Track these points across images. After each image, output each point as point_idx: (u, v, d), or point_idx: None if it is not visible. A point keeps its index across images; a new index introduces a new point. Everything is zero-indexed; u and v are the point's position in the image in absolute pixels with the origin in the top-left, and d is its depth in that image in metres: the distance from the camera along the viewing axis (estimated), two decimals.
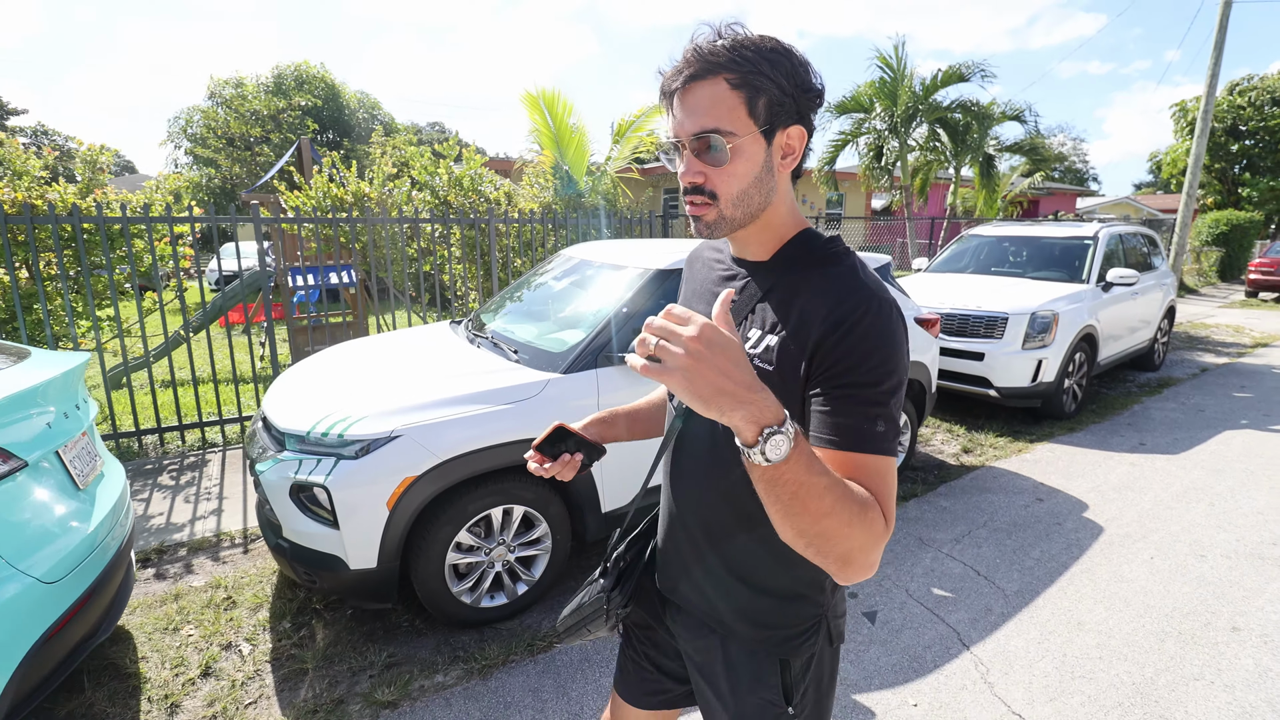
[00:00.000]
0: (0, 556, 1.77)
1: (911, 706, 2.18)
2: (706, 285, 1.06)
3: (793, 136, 0.89)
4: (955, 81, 10.27)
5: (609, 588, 1.11)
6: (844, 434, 0.81)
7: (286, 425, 2.58)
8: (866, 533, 0.76)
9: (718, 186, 0.88)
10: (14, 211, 4.13)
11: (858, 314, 0.82)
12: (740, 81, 0.84)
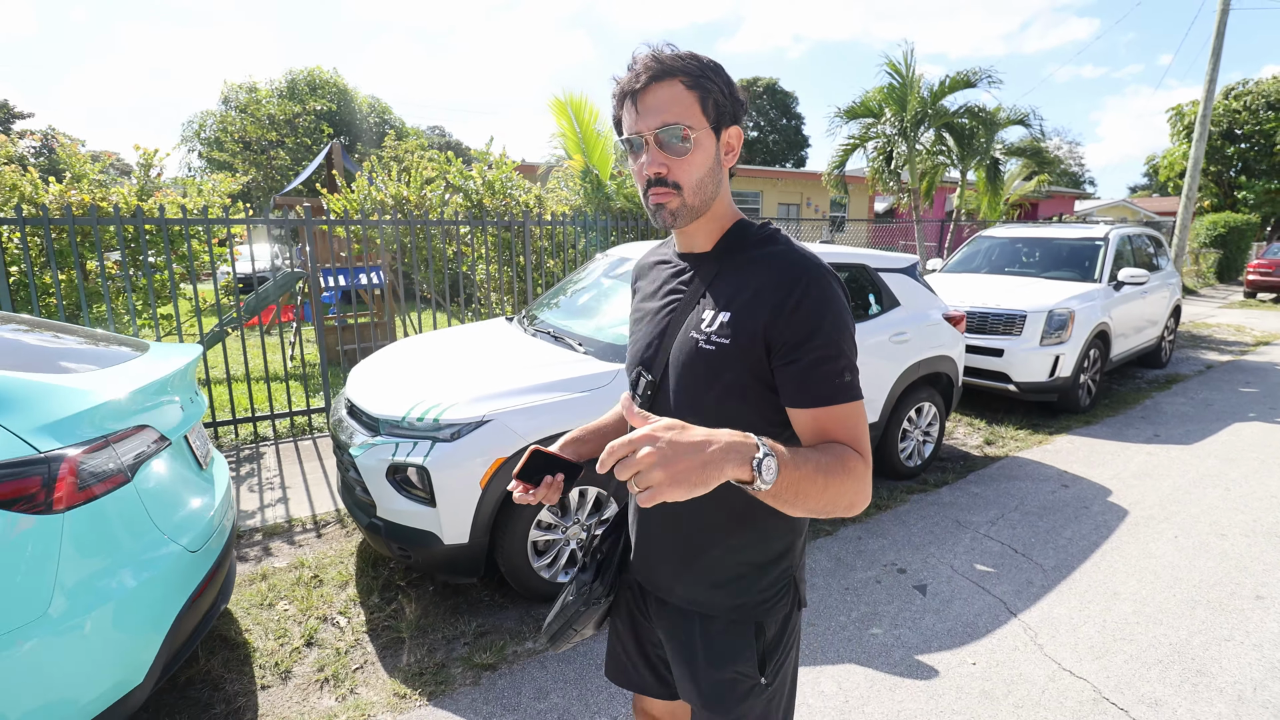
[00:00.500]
0: (157, 526, 1.95)
1: (970, 665, 2.38)
2: (659, 286, 1.13)
3: (733, 136, 1.01)
4: (962, 87, 10.50)
5: (589, 580, 1.16)
6: (818, 394, 0.91)
7: (379, 411, 2.76)
8: (856, 482, 0.87)
9: (680, 176, 0.96)
10: (80, 212, 4.31)
11: (801, 285, 0.92)
12: (693, 83, 0.94)
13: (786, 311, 0.91)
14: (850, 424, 0.92)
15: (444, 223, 5.32)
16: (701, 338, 0.99)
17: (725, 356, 0.96)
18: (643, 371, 1.08)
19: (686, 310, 1.04)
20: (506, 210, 6.27)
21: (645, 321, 1.12)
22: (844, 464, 0.86)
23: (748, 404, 0.98)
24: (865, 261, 4.15)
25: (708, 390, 0.99)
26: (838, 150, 11.35)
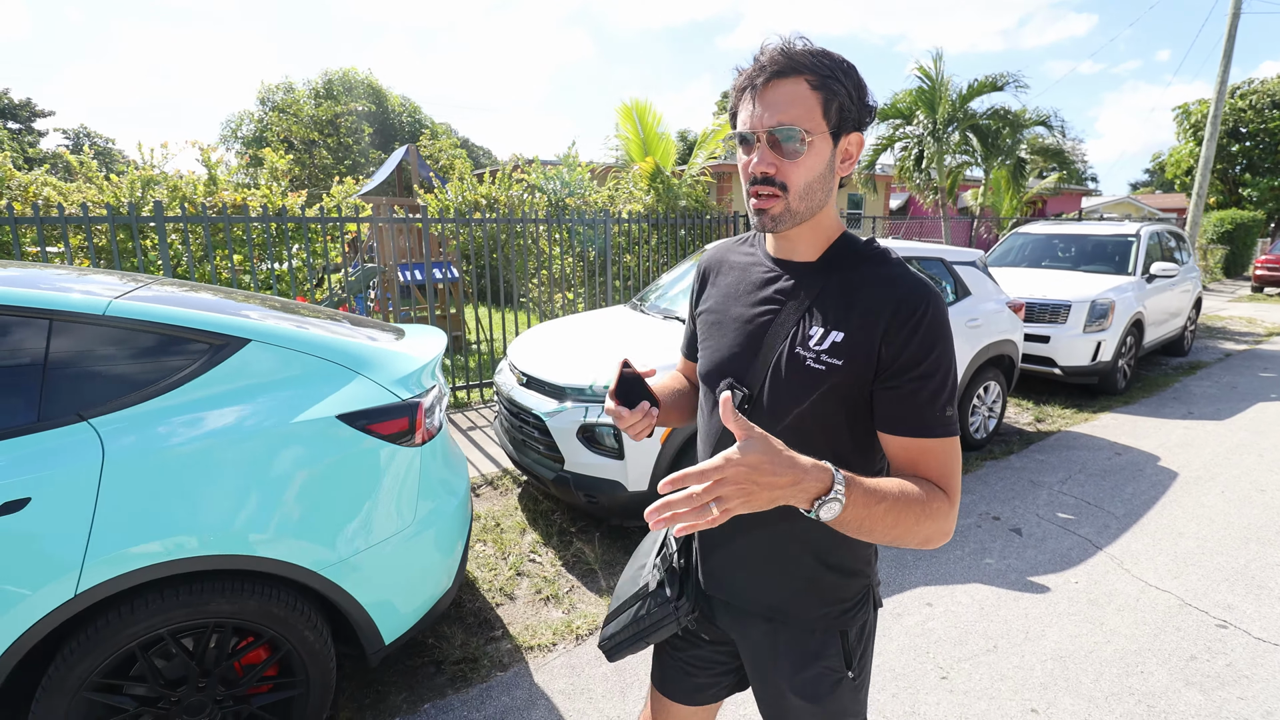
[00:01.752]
0: (447, 480, 2.43)
1: (1074, 584, 2.92)
2: (747, 290, 1.06)
3: (853, 143, 0.95)
4: (989, 91, 11.02)
5: (675, 596, 1.12)
6: (918, 424, 0.89)
7: (564, 382, 3.28)
8: (934, 523, 0.85)
9: (788, 178, 0.91)
10: (214, 212, 4.82)
11: (921, 308, 0.89)
12: (819, 84, 0.89)
13: (903, 334, 0.89)
14: (944, 460, 0.90)
15: (538, 220, 5.83)
16: (810, 355, 0.94)
17: (835, 377, 0.93)
18: (735, 384, 1.01)
19: (789, 323, 0.98)
20: (582, 209, 6.78)
21: (730, 327, 1.05)
22: (926, 506, 0.85)
23: (846, 425, 0.96)
24: (942, 255, 4.68)
25: (810, 410, 0.95)
26: (868, 150, 11.89)
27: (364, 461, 1.99)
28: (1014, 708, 2.18)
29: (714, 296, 1.12)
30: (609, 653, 1.17)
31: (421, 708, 2.20)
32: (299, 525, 1.85)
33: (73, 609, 1.59)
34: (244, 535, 1.77)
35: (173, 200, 4.74)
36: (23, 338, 1.69)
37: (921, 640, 2.53)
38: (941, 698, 2.23)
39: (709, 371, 1.08)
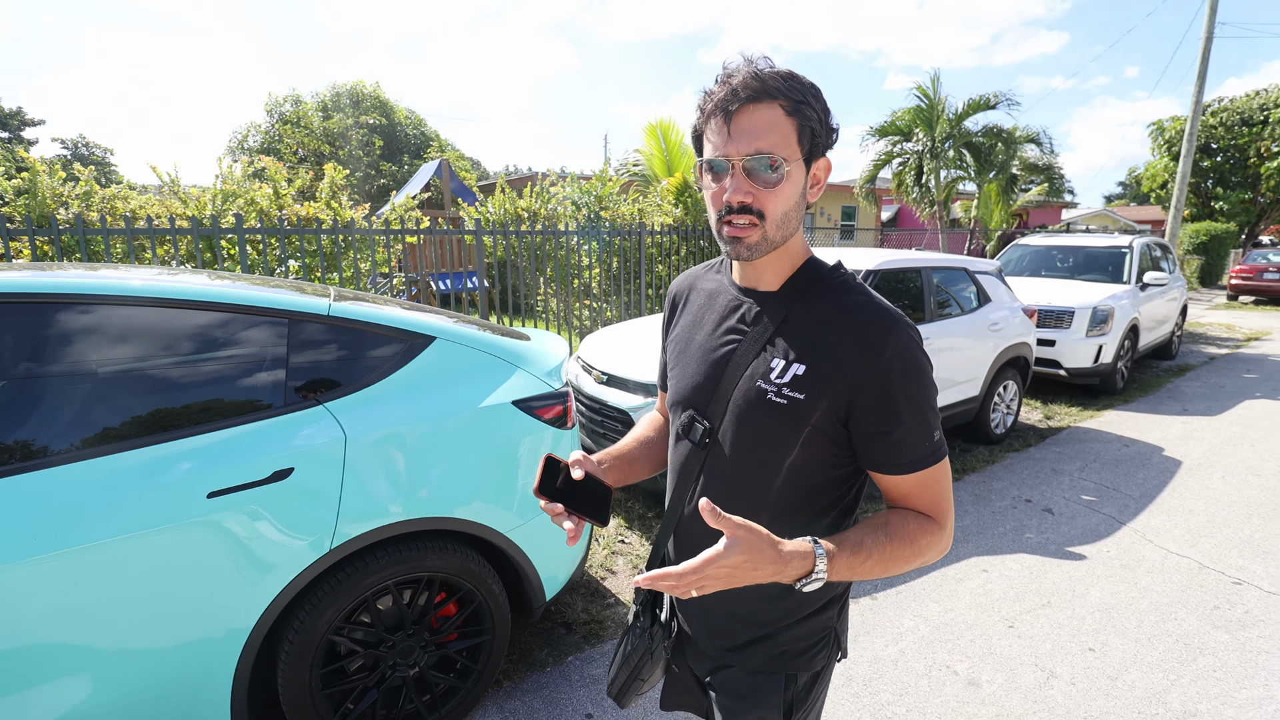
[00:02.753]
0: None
1: (1106, 552, 3.33)
2: (711, 319, 1.03)
3: (822, 169, 0.93)
4: (983, 110, 11.64)
5: (647, 624, 1.09)
6: (910, 460, 0.88)
7: (649, 379, 3.64)
8: (925, 555, 0.88)
9: (766, 206, 0.88)
10: (307, 224, 5.13)
11: (890, 347, 0.86)
12: (793, 109, 0.86)
13: (874, 377, 0.86)
14: (934, 488, 0.90)
15: (581, 232, 6.19)
16: (770, 389, 0.91)
17: (796, 412, 0.90)
18: (696, 416, 0.99)
19: (750, 354, 0.95)
20: (616, 222, 7.16)
21: (693, 355, 1.03)
22: (914, 545, 0.87)
23: (812, 460, 0.92)
24: (966, 265, 5.12)
25: (772, 445, 0.92)
26: (868, 165, 12.43)
27: (534, 441, 2.33)
28: (1074, 647, 2.57)
29: (681, 324, 1.10)
30: (617, 699, 1.12)
31: (567, 659, 2.53)
32: (490, 494, 2.19)
33: (329, 560, 1.91)
34: (450, 501, 2.10)
35: (249, 213, 5.04)
36: (270, 334, 2.02)
37: (984, 598, 2.92)
38: (1011, 641, 2.61)
39: (674, 402, 1.06)
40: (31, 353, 1.68)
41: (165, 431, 1.75)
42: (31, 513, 1.54)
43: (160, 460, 1.71)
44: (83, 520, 1.59)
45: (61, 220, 4.39)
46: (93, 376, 1.75)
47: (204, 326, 1.89)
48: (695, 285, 1.12)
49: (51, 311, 1.71)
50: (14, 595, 1.50)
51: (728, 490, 0.96)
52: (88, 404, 1.72)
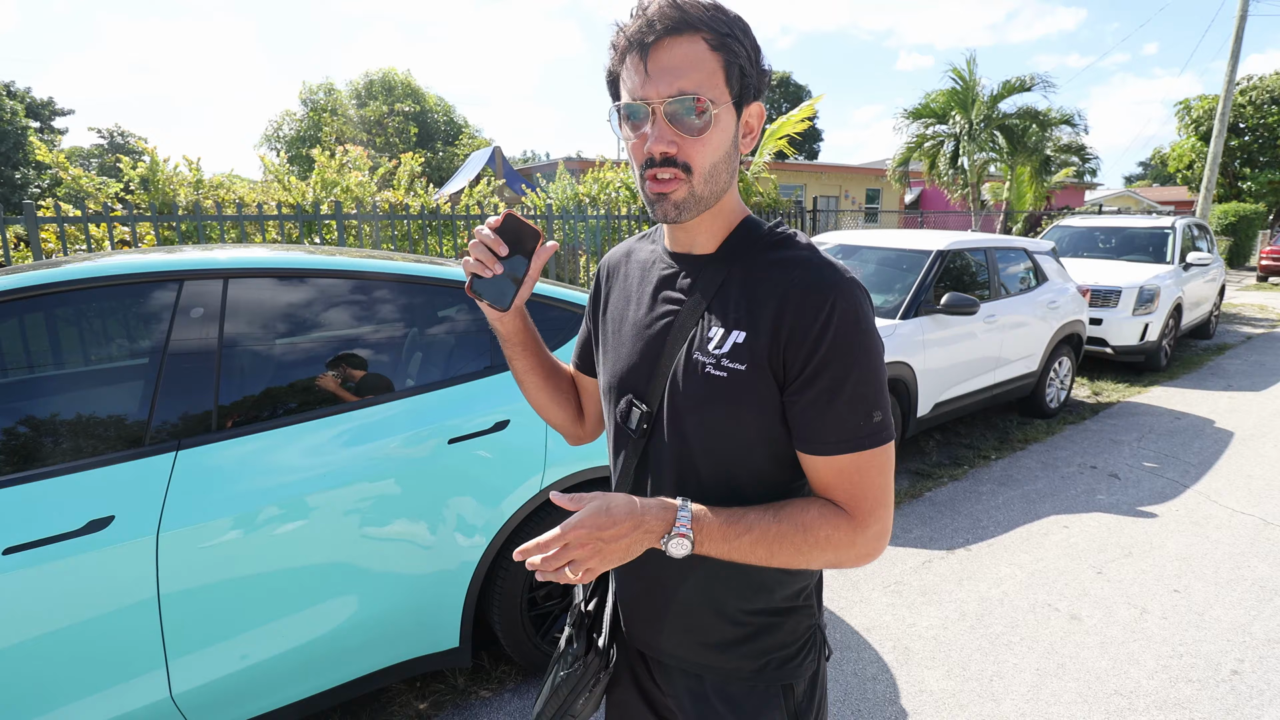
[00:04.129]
0: None
1: (1175, 511, 3.60)
2: (645, 292, 0.93)
3: (754, 114, 0.83)
4: (1019, 92, 11.73)
5: (580, 653, 0.95)
6: (835, 439, 0.77)
7: None
8: (826, 551, 0.77)
9: (692, 157, 0.77)
10: (383, 210, 5.41)
11: (829, 299, 0.76)
12: (719, 43, 0.75)
13: (809, 334, 0.76)
14: (859, 477, 0.78)
15: (639, 216, 6.43)
16: (709, 361, 0.81)
17: (739, 385, 0.80)
18: (634, 401, 0.89)
19: (688, 326, 0.85)
20: None
21: (628, 334, 0.92)
22: (805, 532, 0.76)
23: (763, 441, 0.82)
24: (1024, 245, 5.34)
25: (716, 425, 0.82)
26: (901, 148, 12.55)
27: None
28: (1160, 589, 2.86)
29: (613, 301, 0.99)
30: None
31: None
32: None
33: (537, 502, 2.22)
34: None
35: (345, 199, 5.33)
36: (475, 307, 2.32)
37: (1069, 549, 3.21)
38: (1102, 584, 2.90)
39: (609, 386, 0.95)
40: (352, 323, 2.03)
41: (421, 386, 2.06)
42: (330, 451, 1.86)
43: (417, 410, 2.02)
44: (362, 461, 1.90)
45: (183, 207, 4.70)
46: (370, 343, 2.07)
47: (441, 301, 2.19)
48: (628, 257, 1.01)
49: (372, 288, 2.08)
50: (321, 519, 1.82)
51: (674, 480, 0.86)
52: (372, 365, 2.05)
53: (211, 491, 1.69)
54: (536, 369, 1.05)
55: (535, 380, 1.05)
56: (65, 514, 1.55)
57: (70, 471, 1.59)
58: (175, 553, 1.63)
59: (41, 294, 1.70)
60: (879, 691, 2.26)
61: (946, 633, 2.58)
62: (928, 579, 2.96)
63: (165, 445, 1.69)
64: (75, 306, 1.85)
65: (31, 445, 1.65)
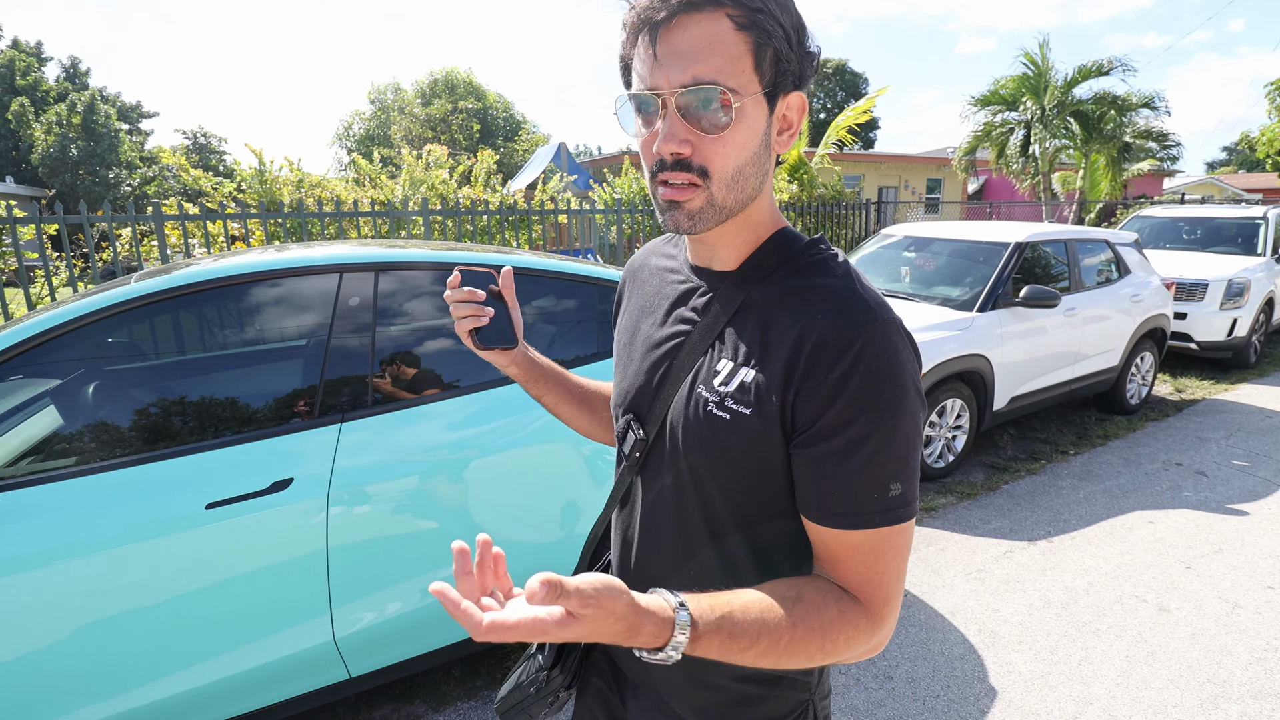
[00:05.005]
0: None
1: (1268, 510, 3.52)
2: (661, 305, 0.83)
3: (793, 107, 0.70)
4: (1096, 76, 11.24)
5: (547, 665, 0.85)
6: (846, 511, 0.64)
7: None
8: (837, 654, 0.64)
9: (710, 160, 0.65)
10: (466, 205, 5.68)
11: (856, 341, 0.63)
12: (747, 21, 0.62)
13: (826, 378, 0.63)
14: (876, 560, 0.65)
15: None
16: (713, 399, 0.71)
17: (741, 431, 0.68)
18: (633, 424, 0.80)
19: (696, 352, 0.75)
20: None
21: (639, 351, 0.84)
22: (823, 638, 0.63)
23: (761, 494, 0.71)
24: (1106, 237, 5.22)
25: (715, 470, 0.72)
26: (968, 137, 12.21)
27: None
28: (1253, 585, 2.83)
29: (629, 310, 0.90)
30: (501, 716, 0.89)
31: None
32: None
33: None
34: None
35: (431, 196, 5.63)
36: (589, 296, 2.49)
37: (1156, 544, 3.19)
38: (1191, 579, 2.89)
39: (615, 405, 0.87)
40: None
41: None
42: (471, 424, 2.06)
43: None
44: (500, 434, 2.10)
45: (288, 205, 5.07)
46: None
47: (561, 291, 2.38)
48: (648, 264, 0.91)
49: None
50: (465, 484, 2.02)
51: (658, 520, 0.78)
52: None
53: (370, 458, 1.91)
54: (566, 398, 1.01)
55: (568, 409, 1.02)
56: (254, 475, 1.79)
57: (258, 439, 1.84)
58: (341, 511, 1.86)
59: (231, 284, 1.95)
60: (967, 670, 2.35)
61: (1032, 619, 2.64)
62: (1009, 568, 3.01)
63: (331, 418, 1.92)
64: (258, 294, 2.08)
65: (226, 415, 1.91)
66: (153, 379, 2.09)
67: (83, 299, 1.82)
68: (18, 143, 24.52)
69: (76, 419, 1.86)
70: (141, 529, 1.67)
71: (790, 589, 0.65)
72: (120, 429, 1.83)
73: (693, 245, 0.81)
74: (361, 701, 2.24)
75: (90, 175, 22.57)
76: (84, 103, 22.79)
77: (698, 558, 0.75)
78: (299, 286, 2.01)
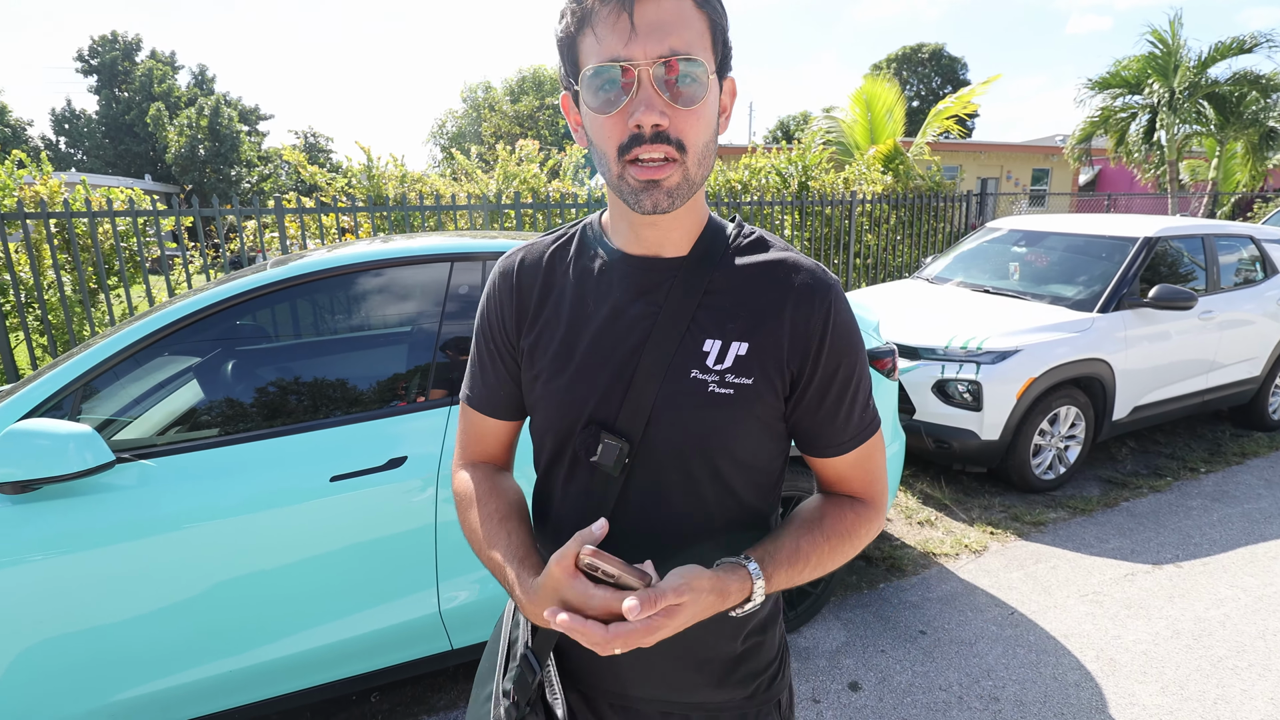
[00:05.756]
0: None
1: None
2: (595, 301, 0.79)
3: (728, 92, 0.74)
4: (1234, 54, 10.13)
5: (527, 698, 0.80)
6: (849, 438, 0.78)
7: (918, 343, 3.81)
8: (861, 547, 0.80)
9: (686, 133, 0.66)
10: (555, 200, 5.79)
11: (826, 303, 0.75)
12: (703, 1, 0.66)
13: (820, 344, 0.74)
14: (871, 464, 0.81)
15: (791, 203, 6.35)
16: (710, 379, 0.73)
17: (745, 401, 0.74)
18: (606, 436, 0.75)
19: (671, 340, 0.75)
20: (821, 192, 7.23)
21: (587, 356, 0.78)
22: (852, 538, 0.78)
23: (756, 454, 0.78)
24: (1251, 233, 4.69)
25: (717, 448, 0.75)
26: (1082, 123, 11.29)
27: (884, 387, 2.64)
28: None
29: (548, 319, 0.81)
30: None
31: (879, 586, 2.86)
32: None
33: None
34: None
35: (523, 190, 5.79)
36: None
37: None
38: None
39: (560, 420, 0.79)
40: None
41: None
42: None
43: None
44: None
45: (393, 199, 5.35)
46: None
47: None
48: (550, 266, 0.83)
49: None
50: None
51: (659, 518, 0.77)
52: None
53: None
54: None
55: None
56: (372, 452, 1.90)
57: (376, 418, 1.95)
58: (449, 490, 1.93)
59: (366, 269, 2.07)
60: (1083, 699, 2.18)
61: (1158, 649, 2.41)
62: (1131, 592, 2.77)
63: (442, 401, 2.00)
64: (383, 279, 2.19)
65: (349, 395, 2.03)
66: (281, 359, 2.25)
67: (234, 281, 1.98)
68: (154, 144, 27.17)
69: (217, 394, 2.03)
70: (275, 497, 1.80)
71: (812, 514, 0.80)
72: (253, 405, 1.98)
73: (636, 233, 0.77)
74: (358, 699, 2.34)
75: (215, 173, 24.72)
76: (210, 107, 24.99)
77: (711, 530, 0.78)
78: (417, 275, 2.10)
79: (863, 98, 8.19)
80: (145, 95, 27.87)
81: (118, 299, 4.93)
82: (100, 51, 28.01)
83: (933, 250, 7.39)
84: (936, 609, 2.68)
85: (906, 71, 37.32)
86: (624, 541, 0.73)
